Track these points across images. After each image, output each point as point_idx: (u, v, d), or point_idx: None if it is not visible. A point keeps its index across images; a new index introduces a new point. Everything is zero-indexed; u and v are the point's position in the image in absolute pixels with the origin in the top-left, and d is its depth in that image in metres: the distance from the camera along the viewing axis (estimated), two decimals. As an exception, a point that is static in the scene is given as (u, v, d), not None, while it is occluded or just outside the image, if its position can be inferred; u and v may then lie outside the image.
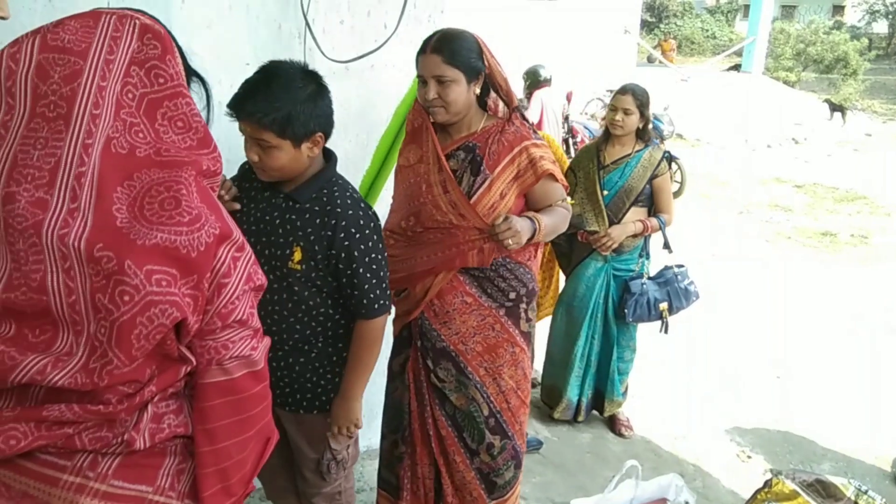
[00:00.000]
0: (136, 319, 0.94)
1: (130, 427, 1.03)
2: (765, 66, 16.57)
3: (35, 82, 0.99)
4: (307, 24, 2.24)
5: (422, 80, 2.01)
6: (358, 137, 2.53)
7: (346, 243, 1.70)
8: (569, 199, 2.17)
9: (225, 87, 2.16)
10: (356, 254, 1.71)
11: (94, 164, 0.96)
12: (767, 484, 1.84)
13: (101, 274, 0.93)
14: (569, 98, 8.16)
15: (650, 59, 17.06)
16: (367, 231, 1.74)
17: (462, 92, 1.98)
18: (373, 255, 1.74)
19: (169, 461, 1.11)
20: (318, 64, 2.32)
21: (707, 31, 26.90)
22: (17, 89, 0.98)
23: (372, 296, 1.75)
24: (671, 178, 8.49)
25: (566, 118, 8.14)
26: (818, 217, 8.26)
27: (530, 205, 2.11)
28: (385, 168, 2.57)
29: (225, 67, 2.14)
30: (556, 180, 2.10)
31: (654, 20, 27.35)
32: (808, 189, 9.54)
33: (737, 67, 16.51)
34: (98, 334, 0.94)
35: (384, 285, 1.79)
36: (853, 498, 1.82)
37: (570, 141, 7.93)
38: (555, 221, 2.08)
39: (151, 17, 1.13)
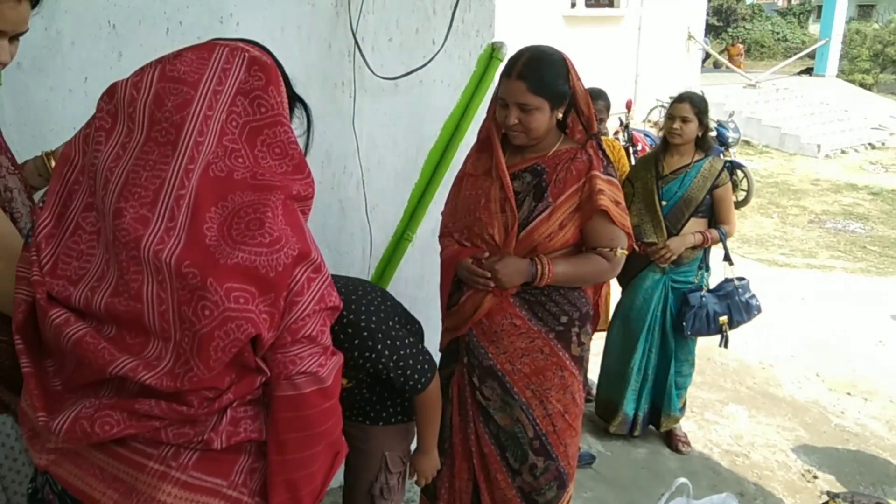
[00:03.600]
0: (214, 332, 1.01)
1: (210, 428, 1.10)
2: (839, 68, 15.91)
3: (152, 109, 1.08)
4: (356, 42, 2.29)
5: (502, 102, 1.95)
6: (407, 152, 2.57)
7: (367, 355, 1.67)
8: (621, 250, 2.02)
9: (278, 105, 2.25)
10: (375, 356, 1.67)
11: (192, 186, 1.05)
12: (824, 507, 1.77)
13: (187, 288, 1.01)
14: (628, 106, 8.05)
15: (716, 65, 16.62)
16: (376, 330, 1.67)
17: (545, 119, 1.93)
18: (391, 344, 1.68)
19: (243, 460, 1.18)
20: (367, 81, 2.38)
21: (778, 33, 25.99)
22: (136, 115, 1.09)
23: (413, 378, 1.72)
24: (737, 186, 8.30)
25: (626, 126, 8.02)
26: (896, 226, 7.88)
27: (583, 241, 2.04)
28: (434, 182, 2.60)
29: (278, 87, 2.22)
30: (612, 222, 1.97)
31: (721, 24, 26.62)
32: (885, 196, 9.10)
33: (809, 71, 15.91)
34: (183, 343, 1.03)
35: (419, 359, 1.73)
36: (918, 524, 1.72)
37: (631, 149, 7.80)
38: (579, 272, 2.01)
39: (261, 48, 1.19)
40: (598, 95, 3.29)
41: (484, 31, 2.63)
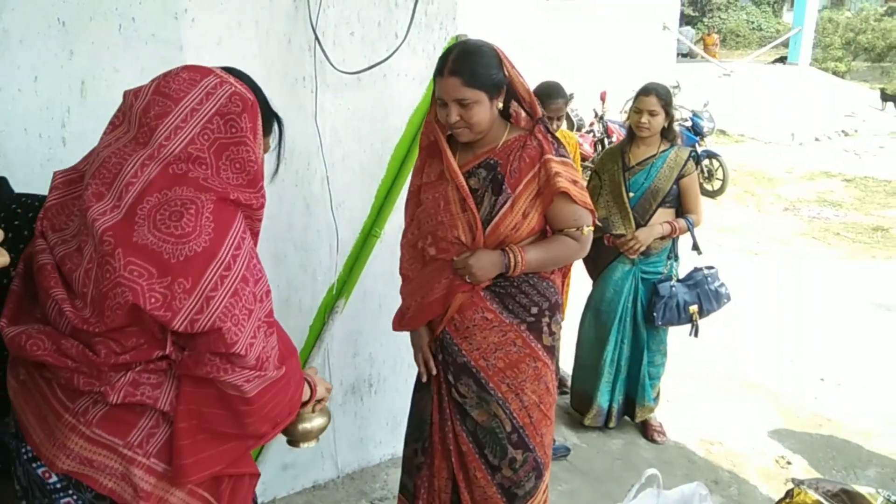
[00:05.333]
0: (108, 293, 1.22)
1: (112, 381, 1.28)
2: (812, 56, 16.05)
3: (140, 114, 1.30)
4: (316, 37, 2.26)
5: (441, 102, 1.94)
6: (373, 147, 2.55)
7: None
8: (587, 228, 2.02)
9: (237, 102, 2.21)
10: None
11: (146, 177, 1.25)
12: (789, 494, 1.77)
13: (101, 253, 1.22)
14: (602, 97, 8.07)
15: (691, 55, 16.72)
16: None
17: (485, 111, 1.92)
18: None
19: (143, 423, 1.32)
20: (328, 76, 2.35)
21: (752, 22, 26.16)
22: (132, 117, 1.32)
23: None
24: (713, 175, 8.35)
25: (601, 118, 8.05)
26: (869, 212, 7.96)
27: (548, 225, 2.05)
28: (400, 177, 2.58)
29: (236, 83, 2.18)
30: (574, 201, 1.97)
31: (697, 14, 26.77)
32: (858, 183, 9.21)
33: (783, 59, 16.05)
34: (92, 295, 1.25)
35: None
36: (882, 509, 1.73)
37: (606, 141, 7.83)
38: (551, 255, 2.02)
39: (248, 84, 1.39)
40: (555, 92, 3.25)
41: (447, 24, 2.60)
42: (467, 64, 1.87)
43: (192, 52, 2.08)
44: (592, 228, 2.05)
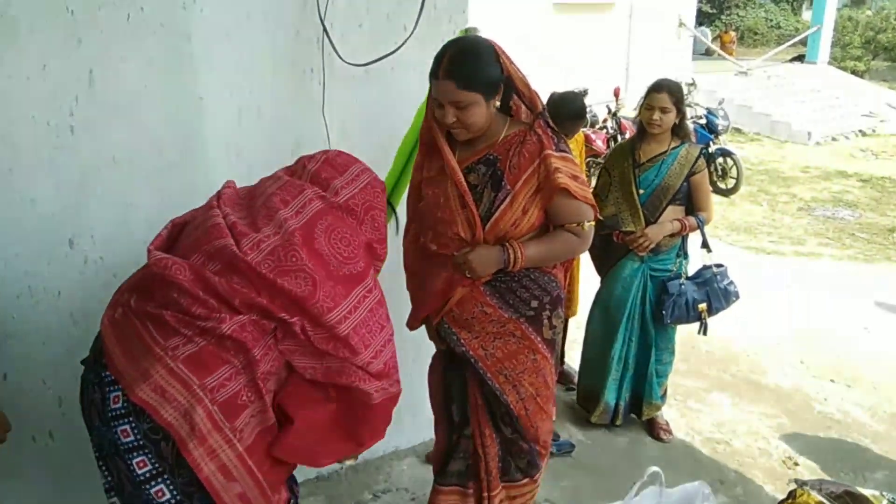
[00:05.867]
0: (289, 271, 1.56)
1: (227, 319, 1.52)
2: (831, 55, 15.86)
3: (313, 174, 1.74)
4: (325, 29, 2.26)
5: (437, 103, 1.93)
6: (380, 140, 2.54)
7: None
8: (588, 223, 2.02)
9: (244, 92, 2.22)
10: None
11: (317, 206, 1.63)
12: (791, 495, 1.75)
13: (290, 243, 1.57)
14: (616, 93, 8.02)
15: (708, 52, 16.56)
16: None
17: (482, 112, 1.90)
18: None
19: (222, 371, 1.53)
20: (336, 68, 2.35)
21: (771, 20, 25.90)
22: (304, 174, 1.75)
23: None
24: (727, 174, 8.27)
25: (614, 114, 8.00)
26: (885, 213, 7.86)
27: (548, 220, 2.03)
28: (407, 170, 2.56)
29: (243, 73, 2.19)
30: (574, 197, 1.96)
31: (714, 11, 26.52)
32: (875, 183, 9.09)
33: (801, 58, 15.86)
34: (268, 265, 1.57)
35: None
36: (886, 511, 1.71)
37: (619, 137, 7.78)
38: (551, 250, 2.01)
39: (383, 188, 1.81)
40: (580, 111, 3.25)
41: (457, 17, 2.59)
42: (462, 66, 1.84)
43: (200, 43, 2.09)
44: (593, 223, 2.05)
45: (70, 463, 2.12)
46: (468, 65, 1.85)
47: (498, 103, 1.95)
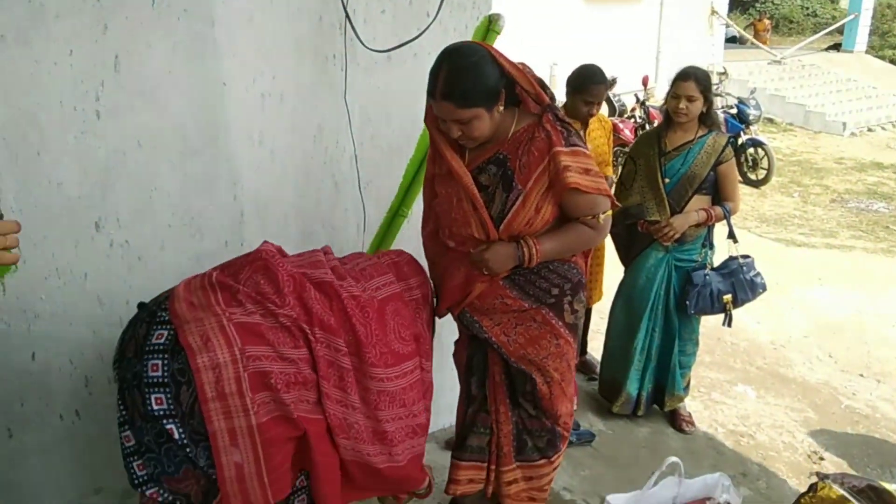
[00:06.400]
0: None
1: (284, 308, 1.73)
2: (869, 43, 15.46)
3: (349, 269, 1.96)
4: (347, 15, 2.26)
5: (440, 118, 1.89)
6: (402, 127, 2.54)
7: None
8: (603, 214, 1.99)
9: (267, 78, 2.23)
10: None
11: (373, 294, 1.87)
12: (812, 488, 1.72)
13: (375, 309, 1.87)
14: (645, 82, 7.91)
15: (741, 41, 16.25)
16: None
17: (486, 123, 1.86)
18: None
19: (266, 350, 1.67)
20: (359, 54, 2.35)
21: (807, 8, 25.28)
22: (342, 270, 1.90)
23: None
24: (758, 164, 8.13)
25: (642, 103, 7.90)
26: (922, 205, 7.68)
27: (563, 214, 2.01)
28: (420, 174, 2.57)
29: (266, 59, 2.20)
30: (587, 192, 1.92)
31: (749, -1, 25.98)
32: (911, 175, 8.88)
33: (837, 46, 15.49)
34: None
35: None
36: (910, 506, 1.67)
37: (647, 126, 7.69)
38: (566, 244, 2.00)
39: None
40: (594, 76, 3.16)
41: (480, 3, 2.57)
42: (458, 85, 1.79)
43: (223, 28, 2.10)
44: (610, 213, 2.02)
45: (96, 441, 2.17)
46: (464, 82, 1.79)
47: (501, 107, 1.90)
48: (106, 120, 1.97)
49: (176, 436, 1.61)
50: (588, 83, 3.12)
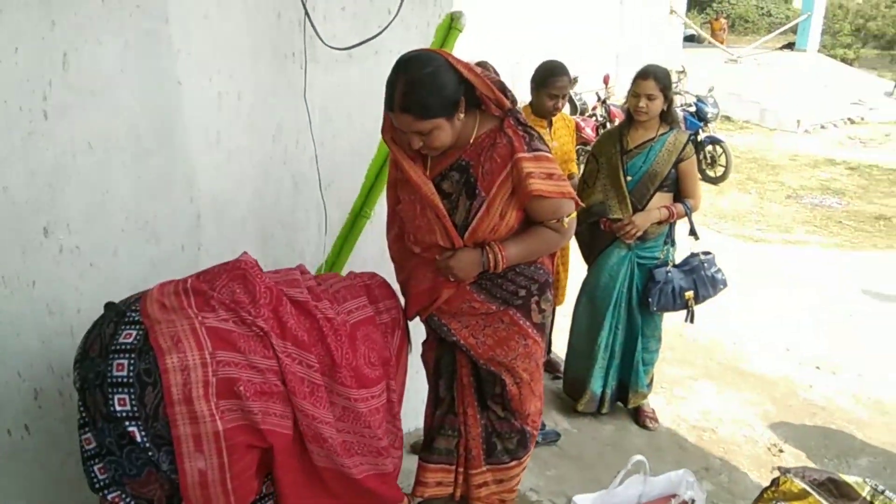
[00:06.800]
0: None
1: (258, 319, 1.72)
2: (821, 43, 15.89)
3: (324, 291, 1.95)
4: (306, 11, 2.21)
5: (399, 129, 1.86)
6: (364, 126, 2.50)
7: None
8: (570, 215, 1.98)
9: (224, 76, 2.17)
10: None
11: (346, 318, 1.87)
12: (775, 482, 1.75)
13: (346, 327, 1.89)
14: (606, 81, 7.98)
15: (698, 40, 16.54)
16: None
17: (447, 132, 1.83)
18: None
19: (236, 356, 1.65)
20: (319, 52, 2.31)
21: (762, 8, 25.92)
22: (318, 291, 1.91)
23: None
24: (716, 161, 8.28)
25: (603, 101, 7.97)
26: (872, 200, 7.90)
27: (527, 218, 2.00)
28: (381, 177, 2.54)
29: (223, 57, 2.14)
30: (551, 197, 1.90)
31: (705, -1, 26.50)
32: (862, 171, 9.13)
33: (791, 46, 15.87)
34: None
35: None
36: (868, 498, 1.70)
37: (608, 125, 7.76)
38: (531, 248, 1.99)
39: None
40: (557, 70, 3.20)
41: (442, 1, 2.55)
42: (416, 98, 1.75)
43: (178, 25, 2.04)
44: (574, 215, 2.02)
45: (46, 457, 2.08)
46: (422, 94, 1.75)
47: (462, 115, 1.86)
48: (54, 120, 1.89)
49: (138, 438, 1.57)
50: (551, 77, 3.15)
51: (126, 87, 2.00)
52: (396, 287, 2.20)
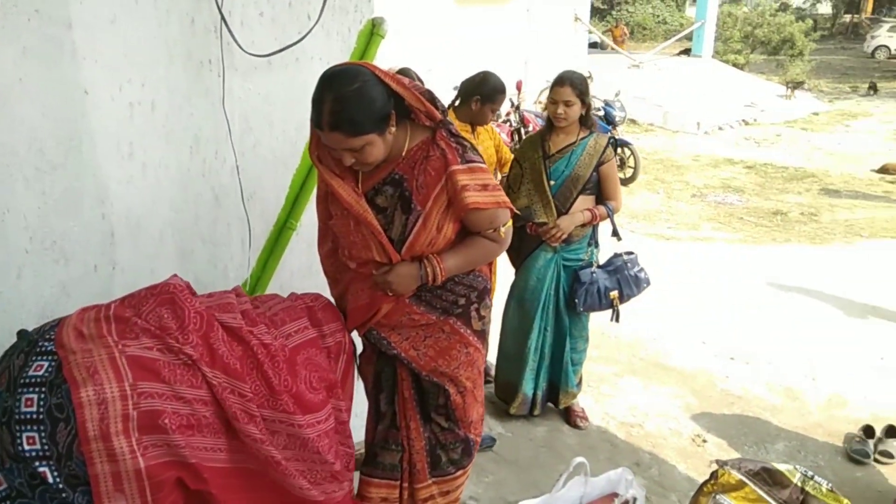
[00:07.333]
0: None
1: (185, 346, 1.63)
2: (714, 49, 16.77)
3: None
4: (222, 17, 2.11)
5: (329, 147, 1.81)
6: (286, 135, 2.42)
7: None
8: (504, 227, 1.98)
9: (136, 85, 2.04)
10: None
11: (285, 342, 1.79)
12: (714, 475, 1.80)
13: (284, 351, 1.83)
14: (518, 87, 8.11)
15: (602, 46, 17.12)
16: None
17: (380, 147, 1.79)
18: None
19: (161, 387, 1.55)
20: (236, 59, 2.21)
21: (658, 16, 27.19)
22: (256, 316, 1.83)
23: None
24: (625, 163, 8.54)
25: (517, 107, 8.10)
26: (769, 197, 8.36)
27: (464, 228, 1.98)
28: (306, 186, 2.47)
29: (134, 65, 2.01)
30: (486, 208, 1.89)
31: (605, 7, 27.55)
32: (758, 169, 9.66)
33: (687, 52, 16.66)
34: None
35: None
36: (800, 484, 1.78)
37: (523, 130, 7.89)
38: (469, 259, 1.98)
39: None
40: (500, 88, 3.33)
41: (363, 6, 2.50)
42: (345, 114, 1.71)
43: (82, 31, 1.90)
44: (510, 224, 2.02)
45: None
46: (351, 110, 1.71)
47: (394, 128, 1.82)
48: (-56, 134, 1.73)
49: (50, 479, 1.45)
50: (497, 94, 3.28)
51: (25, 96, 1.84)
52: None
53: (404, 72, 3.18)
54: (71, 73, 1.90)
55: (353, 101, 1.70)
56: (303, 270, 2.52)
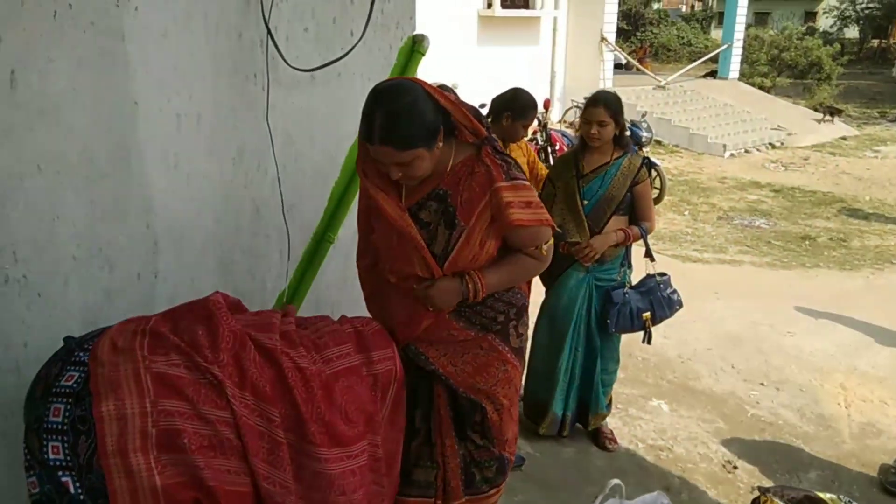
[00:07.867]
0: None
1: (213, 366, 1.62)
2: (740, 71, 16.70)
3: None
4: (269, 32, 2.15)
5: (378, 161, 1.82)
6: (326, 148, 2.45)
7: None
8: (548, 242, 1.98)
9: (183, 97, 2.08)
10: None
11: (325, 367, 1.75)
12: (756, 502, 1.77)
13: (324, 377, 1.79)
14: (546, 105, 8.13)
15: (627, 67, 17.12)
16: None
17: (427, 161, 1.81)
18: None
19: (182, 405, 1.55)
20: (281, 73, 2.24)
21: (682, 38, 27.16)
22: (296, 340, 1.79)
23: None
24: (651, 184, 8.51)
25: (544, 126, 8.11)
26: (797, 221, 8.27)
27: (505, 244, 1.99)
28: (355, 180, 2.48)
29: (182, 77, 2.05)
30: (529, 226, 1.91)
31: (630, 28, 27.58)
32: (785, 193, 9.57)
33: (713, 74, 16.61)
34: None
35: None
36: (844, 514, 1.75)
37: (549, 149, 7.89)
38: (511, 276, 1.98)
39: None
40: (530, 105, 3.29)
41: (404, 24, 2.53)
42: (396, 129, 1.73)
43: (135, 44, 1.95)
44: (552, 241, 2.02)
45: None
46: (402, 125, 1.73)
47: (441, 143, 1.84)
48: (0, 141, 1.77)
49: (72, 489, 1.46)
50: (529, 109, 3.26)
51: (78, 106, 1.89)
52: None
53: (442, 87, 3.20)
54: (122, 84, 1.94)
55: (404, 116, 1.72)
56: (339, 282, 2.54)
